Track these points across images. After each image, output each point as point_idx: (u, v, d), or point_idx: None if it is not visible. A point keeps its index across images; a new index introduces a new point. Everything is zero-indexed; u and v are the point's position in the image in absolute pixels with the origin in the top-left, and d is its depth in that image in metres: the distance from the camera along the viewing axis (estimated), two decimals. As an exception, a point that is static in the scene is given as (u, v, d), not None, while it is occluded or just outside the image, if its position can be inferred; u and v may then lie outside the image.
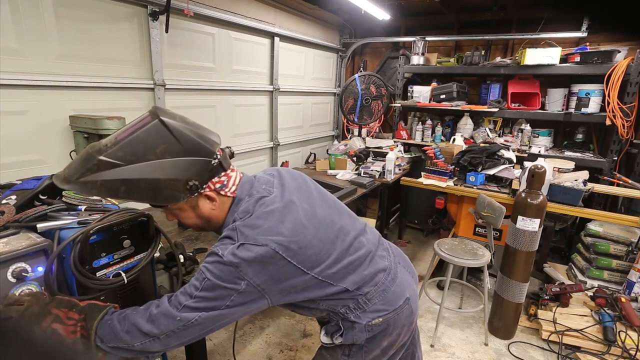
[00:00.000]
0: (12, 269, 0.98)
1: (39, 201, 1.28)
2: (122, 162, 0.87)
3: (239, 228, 0.95)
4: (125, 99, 2.35)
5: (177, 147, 0.90)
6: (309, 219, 1.03)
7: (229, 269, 0.90)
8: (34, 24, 1.87)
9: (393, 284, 1.14)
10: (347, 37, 4.60)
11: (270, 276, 0.94)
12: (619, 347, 2.18)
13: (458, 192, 2.93)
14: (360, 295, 1.08)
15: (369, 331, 1.09)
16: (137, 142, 0.89)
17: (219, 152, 1.00)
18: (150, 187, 0.90)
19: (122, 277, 1.18)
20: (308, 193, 1.12)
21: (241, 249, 0.91)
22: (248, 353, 2.29)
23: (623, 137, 3.06)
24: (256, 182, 1.09)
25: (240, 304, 0.93)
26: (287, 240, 0.95)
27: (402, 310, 1.14)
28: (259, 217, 0.97)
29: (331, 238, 1.06)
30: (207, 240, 1.92)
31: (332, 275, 1.03)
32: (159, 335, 0.91)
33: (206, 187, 0.99)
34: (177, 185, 0.92)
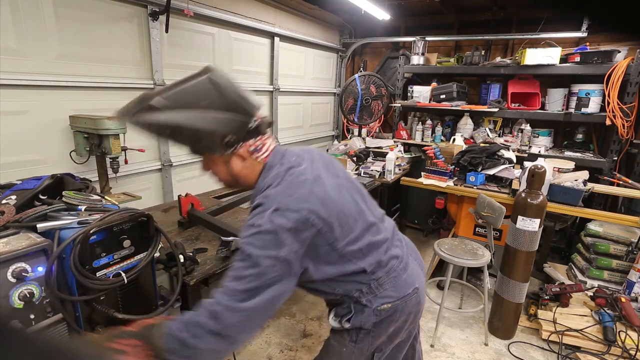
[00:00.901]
0: (12, 269, 0.98)
1: (39, 201, 1.28)
2: (170, 108, 0.94)
3: (271, 195, 0.99)
4: (125, 99, 2.32)
5: (220, 102, 0.97)
6: (336, 194, 1.05)
7: (269, 236, 0.93)
8: (34, 24, 1.87)
9: (404, 272, 1.18)
10: (347, 37, 4.61)
11: (304, 243, 0.97)
12: (619, 347, 2.18)
13: (458, 192, 2.93)
14: (373, 280, 1.12)
15: (377, 315, 1.13)
16: (186, 92, 0.97)
17: (258, 117, 1.06)
18: (191, 135, 0.97)
19: (122, 277, 1.18)
20: (335, 172, 1.15)
21: (276, 215, 0.94)
22: (248, 353, 2.29)
23: (623, 137, 3.06)
24: (287, 153, 1.13)
25: (286, 274, 0.96)
26: (316, 209, 0.98)
27: (410, 299, 1.17)
28: (290, 186, 1.01)
29: (354, 216, 1.09)
30: (207, 240, 1.91)
31: (353, 252, 1.07)
32: (226, 331, 0.91)
33: (241, 146, 1.04)
34: (215, 137, 0.98)
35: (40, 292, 1.03)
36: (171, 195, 2.72)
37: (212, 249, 1.79)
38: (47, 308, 1.05)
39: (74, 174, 1.53)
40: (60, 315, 1.07)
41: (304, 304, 2.82)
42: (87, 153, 2.03)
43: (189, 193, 2.12)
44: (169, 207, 2.40)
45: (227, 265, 1.69)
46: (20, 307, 0.99)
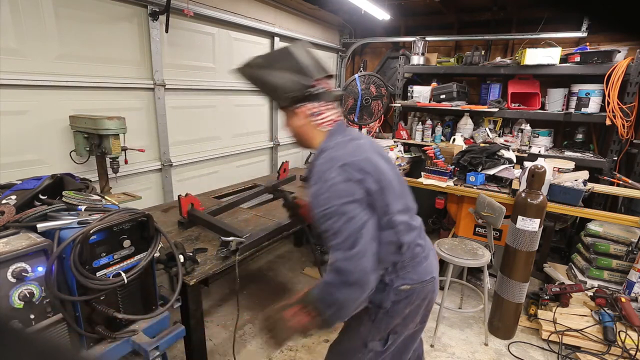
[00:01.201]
0: (12, 269, 0.98)
1: (39, 201, 1.28)
2: (259, 67, 1.26)
3: (338, 155, 1.15)
4: (125, 99, 2.35)
5: (289, 66, 1.21)
6: (387, 170, 1.22)
7: (342, 186, 1.10)
8: (34, 24, 1.87)
9: (425, 261, 1.31)
10: (347, 37, 4.60)
11: (368, 193, 1.13)
12: (619, 347, 2.18)
13: (458, 192, 2.93)
14: (400, 261, 1.25)
15: (396, 295, 1.25)
16: (271, 56, 1.33)
17: (325, 86, 1.26)
18: (269, 87, 1.25)
19: (122, 277, 1.18)
20: (386, 158, 1.32)
21: (344, 169, 1.12)
22: (248, 353, 2.29)
23: (623, 137, 3.06)
24: (349, 130, 1.32)
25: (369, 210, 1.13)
26: (375, 171, 1.16)
27: (427, 285, 1.30)
28: (355, 150, 1.19)
29: (401, 195, 1.26)
30: (207, 240, 1.92)
31: (399, 223, 1.21)
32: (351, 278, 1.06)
33: (302, 106, 1.24)
34: (281, 91, 1.22)
35: (40, 292, 1.03)
36: (171, 195, 2.72)
37: (212, 249, 1.79)
38: (47, 308, 1.05)
39: (74, 174, 1.53)
40: (60, 315, 1.07)
41: (304, 304, 2.82)
42: (87, 153, 2.03)
43: (189, 193, 2.12)
44: (169, 207, 2.40)
45: (227, 265, 1.69)
46: (20, 307, 0.99)
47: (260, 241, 1.91)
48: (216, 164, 3.15)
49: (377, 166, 1.18)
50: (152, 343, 1.22)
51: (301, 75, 1.21)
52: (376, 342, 1.31)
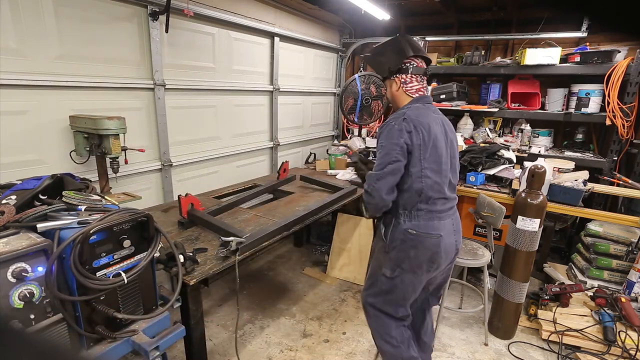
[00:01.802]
0: (12, 269, 0.98)
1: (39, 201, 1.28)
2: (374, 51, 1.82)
3: (406, 113, 1.61)
4: (125, 99, 2.35)
5: (391, 48, 1.72)
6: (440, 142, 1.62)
7: (395, 131, 1.56)
8: (34, 24, 1.87)
9: (438, 223, 1.64)
10: (347, 37, 4.60)
11: (412, 143, 1.56)
12: (619, 347, 2.18)
13: (458, 192, 2.93)
14: (415, 209, 1.62)
15: (404, 235, 1.63)
16: (384, 43, 1.77)
17: (416, 63, 1.69)
18: (377, 63, 1.79)
19: (122, 277, 1.18)
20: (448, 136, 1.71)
21: (403, 121, 1.58)
22: (248, 353, 2.29)
23: (623, 137, 3.06)
24: (431, 106, 1.73)
25: (401, 156, 1.55)
26: (425, 131, 1.57)
27: (431, 237, 1.62)
28: (418, 114, 1.61)
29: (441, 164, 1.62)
30: (207, 240, 1.92)
31: (426, 175, 1.59)
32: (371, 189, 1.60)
33: (395, 76, 1.71)
34: (385, 65, 1.72)
35: (40, 292, 1.03)
36: (171, 195, 2.72)
37: (212, 249, 1.79)
38: (47, 308, 1.05)
39: (74, 174, 1.53)
40: (60, 315, 1.07)
41: (304, 304, 2.82)
42: (87, 153, 2.03)
43: (189, 193, 2.12)
44: (169, 207, 2.40)
45: (227, 265, 1.69)
46: (20, 307, 0.99)
47: (260, 241, 1.91)
48: (216, 164, 3.15)
49: (430, 131, 1.58)
50: (152, 343, 1.22)
51: (397, 54, 1.68)
52: (387, 269, 1.71)
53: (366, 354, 2.30)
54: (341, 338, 2.44)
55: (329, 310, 2.75)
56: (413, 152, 1.56)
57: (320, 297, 2.93)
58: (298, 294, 2.97)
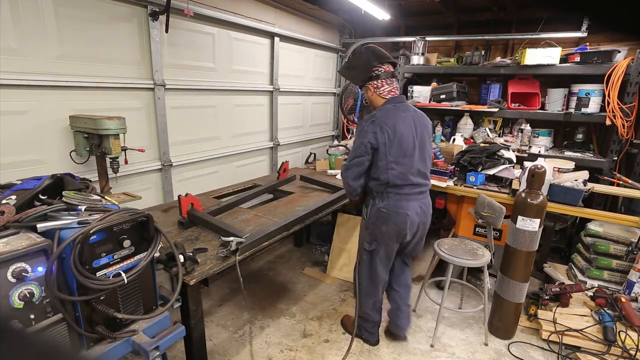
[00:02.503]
0: (12, 269, 0.98)
1: (39, 201, 1.28)
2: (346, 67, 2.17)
3: (376, 114, 1.94)
4: (125, 99, 2.35)
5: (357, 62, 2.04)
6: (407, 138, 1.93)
7: (362, 131, 1.92)
8: (34, 24, 1.87)
9: (407, 203, 1.99)
10: (347, 37, 4.60)
11: (377, 142, 1.89)
12: (619, 347, 2.18)
13: (458, 192, 2.93)
14: (386, 192, 1.98)
15: (377, 212, 2.01)
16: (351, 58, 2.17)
17: (384, 69, 1.97)
18: (352, 76, 2.14)
19: (122, 277, 1.18)
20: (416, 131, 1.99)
21: (371, 123, 1.91)
22: (248, 353, 2.29)
23: (623, 137, 3.06)
24: (403, 105, 2.01)
25: (365, 152, 1.91)
26: (391, 131, 1.89)
27: (399, 215, 1.98)
28: (388, 115, 1.93)
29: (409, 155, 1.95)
30: (207, 240, 1.92)
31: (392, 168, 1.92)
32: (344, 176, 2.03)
33: (370, 83, 1.99)
34: (358, 77, 2.03)
35: (40, 292, 1.03)
36: (171, 195, 2.72)
37: (212, 249, 1.79)
38: (47, 308, 1.05)
39: (74, 174, 1.53)
40: (60, 315, 1.07)
41: (304, 304, 2.82)
42: (87, 153, 2.03)
43: (189, 193, 2.12)
44: (169, 207, 2.40)
45: (227, 265, 1.69)
46: (20, 307, 0.99)
47: (260, 241, 1.91)
48: (216, 164, 3.15)
49: (396, 130, 1.89)
50: (152, 343, 1.22)
51: (365, 66, 1.98)
52: (366, 242, 2.09)
53: (366, 354, 2.30)
54: (341, 338, 2.44)
55: (329, 310, 2.75)
56: (379, 149, 1.90)
57: (320, 297, 2.93)
58: (298, 294, 2.97)
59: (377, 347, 2.36)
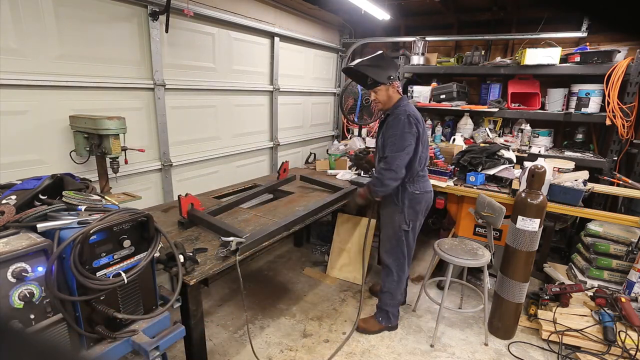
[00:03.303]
0: (12, 269, 0.98)
1: (39, 201, 1.28)
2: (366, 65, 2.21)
3: (408, 110, 2.17)
4: (125, 99, 2.35)
5: (387, 63, 2.25)
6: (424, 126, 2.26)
7: (406, 122, 2.12)
8: (34, 24, 1.87)
9: (427, 181, 2.36)
10: (347, 37, 4.60)
11: (418, 131, 2.15)
12: (619, 347, 2.18)
13: (458, 192, 2.93)
14: (415, 176, 2.26)
15: (412, 194, 2.27)
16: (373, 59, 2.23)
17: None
18: (378, 72, 2.20)
19: (122, 277, 1.18)
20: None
21: (409, 116, 2.14)
22: (248, 353, 2.29)
23: (623, 137, 3.06)
24: (405, 97, 2.32)
25: (413, 140, 2.13)
26: (421, 124, 2.20)
27: (427, 194, 2.34)
28: (414, 110, 2.22)
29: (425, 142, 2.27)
30: (207, 240, 1.92)
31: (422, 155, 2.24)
32: (392, 166, 2.13)
33: (393, 82, 2.22)
34: (385, 74, 2.20)
35: (40, 292, 1.03)
36: (171, 195, 2.72)
37: (212, 249, 1.79)
38: (47, 308, 1.05)
39: (74, 174, 1.53)
40: (60, 315, 1.07)
41: (304, 304, 2.82)
42: (87, 153, 2.03)
43: (188, 193, 2.12)
44: (169, 207, 2.40)
45: (227, 265, 1.69)
46: (20, 307, 0.99)
47: (260, 241, 1.91)
48: (216, 164, 3.15)
49: (422, 120, 2.22)
50: (152, 343, 1.22)
51: (394, 66, 2.29)
52: (404, 224, 2.31)
53: (366, 354, 2.30)
54: (341, 338, 2.44)
55: (329, 310, 2.75)
56: (420, 137, 2.16)
57: (320, 297, 2.93)
58: (298, 294, 2.97)
59: (377, 347, 2.36)
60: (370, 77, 2.20)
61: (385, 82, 2.19)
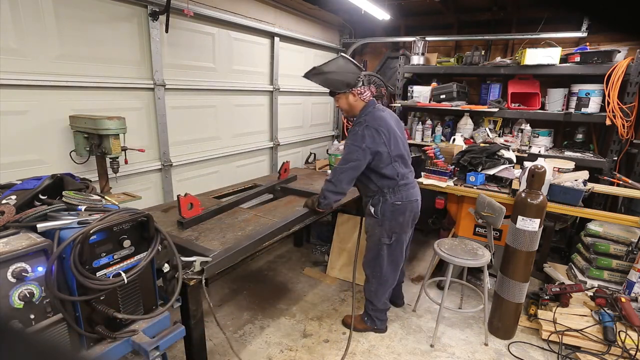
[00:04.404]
0: (12, 269, 0.98)
1: (39, 201, 1.28)
2: (323, 72, 2.07)
3: (367, 120, 2.09)
4: (125, 99, 2.35)
5: (345, 68, 2.08)
6: (396, 133, 2.15)
7: (359, 136, 2.04)
8: (34, 24, 1.87)
9: (412, 189, 2.23)
10: (347, 37, 4.60)
11: (375, 144, 2.04)
12: (619, 347, 2.18)
13: (458, 192, 2.93)
14: (396, 186, 2.15)
15: (393, 205, 2.15)
16: (330, 64, 2.07)
17: (361, 78, 2.13)
18: (333, 82, 2.11)
19: (122, 277, 1.18)
20: (400, 126, 2.27)
21: (366, 128, 2.05)
22: (248, 353, 2.29)
23: (623, 137, 3.06)
24: (377, 105, 2.21)
25: (362, 157, 2.04)
26: (385, 130, 2.08)
27: (411, 203, 2.20)
28: (375, 118, 2.10)
29: (401, 149, 2.16)
30: (207, 240, 1.92)
31: (395, 164, 2.12)
32: (335, 180, 2.09)
33: (353, 89, 2.11)
34: (343, 82, 2.10)
35: (40, 292, 1.03)
36: (171, 195, 2.72)
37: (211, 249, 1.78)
38: (47, 308, 1.05)
39: (74, 174, 1.53)
40: (60, 315, 1.07)
41: (304, 304, 2.82)
42: (87, 153, 2.03)
43: (188, 193, 2.12)
44: (169, 207, 2.40)
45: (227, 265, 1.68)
46: (20, 307, 0.99)
47: (232, 258, 1.74)
48: (216, 164, 3.15)
49: (389, 128, 2.10)
50: (152, 343, 1.22)
51: (352, 72, 2.10)
52: (385, 238, 2.21)
53: (366, 354, 2.30)
54: (341, 338, 2.44)
55: (329, 310, 2.75)
56: (379, 150, 2.05)
57: (320, 297, 2.93)
58: (298, 294, 2.97)
59: (377, 347, 2.36)
60: (326, 85, 2.12)
61: (342, 89, 2.10)
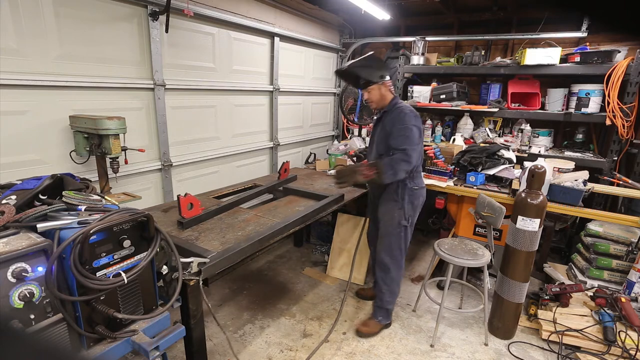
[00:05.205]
0: (12, 269, 0.98)
1: (39, 201, 1.28)
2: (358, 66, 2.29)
3: (401, 107, 2.28)
4: (125, 99, 2.35)
5: (379, 63, 2.36)
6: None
7: (411, 115, 2.23)
8: (34, 24, 1.87)
9: (422, 178, 2.42)
10: (347, 37, 4.60)
11: (420, 126, 2.25)
12: (619, 347, 2.18)
13: (458, 192, 2.93)
14: (415, 172, 2.33)
15: (411, 190, 2.33)
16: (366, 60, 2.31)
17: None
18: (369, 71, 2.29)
19: (122, 277, 1.18)
20: None
21: (411, 112, 2.25)
22: (248, 353, 2.29)
23: (623, 137, 3.06)
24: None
25: (420, 134, 2.21)
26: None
27: (423, 189, 2.42)
28: (408, 106, 2.31)
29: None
30: (207, 240, 1.91)
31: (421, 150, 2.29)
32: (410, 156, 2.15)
33: (384, 82, 2.30)
34: (377, 73, 2.29)
35: (40, 292, 1.03)
36: (171, 195, 2.72)
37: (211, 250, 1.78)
38: (47, 308, 1.05)
39: (74, 174, 1.53)
40: (60, 315, 1.07)
41: (303, 304, 2.82)
42: (87, 153, 2.03)
43: (188, 193, 2.12)
44: (169, 207, 2.40)
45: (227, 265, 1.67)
46: (20, 307, 0.99)
47: (230, 259, 1.72)
48: (216, 164, 3.15)
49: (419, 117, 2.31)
50: (152, 343, 1.22)
51: (386, 66, 2.41)
52: (404, 220, 2.34)
53: (366, 354, 2.30)
54: (341, 338, 2.44)
55: (329, 310, 2.75)
56: (421, 134, 2.25)
57: (320, 297, 2.93)
58: (298, 294, 2.97)
59: (377, 347, 2.36)
60: (362, 76, 2.27)
61: (377, 80, 2.27)
